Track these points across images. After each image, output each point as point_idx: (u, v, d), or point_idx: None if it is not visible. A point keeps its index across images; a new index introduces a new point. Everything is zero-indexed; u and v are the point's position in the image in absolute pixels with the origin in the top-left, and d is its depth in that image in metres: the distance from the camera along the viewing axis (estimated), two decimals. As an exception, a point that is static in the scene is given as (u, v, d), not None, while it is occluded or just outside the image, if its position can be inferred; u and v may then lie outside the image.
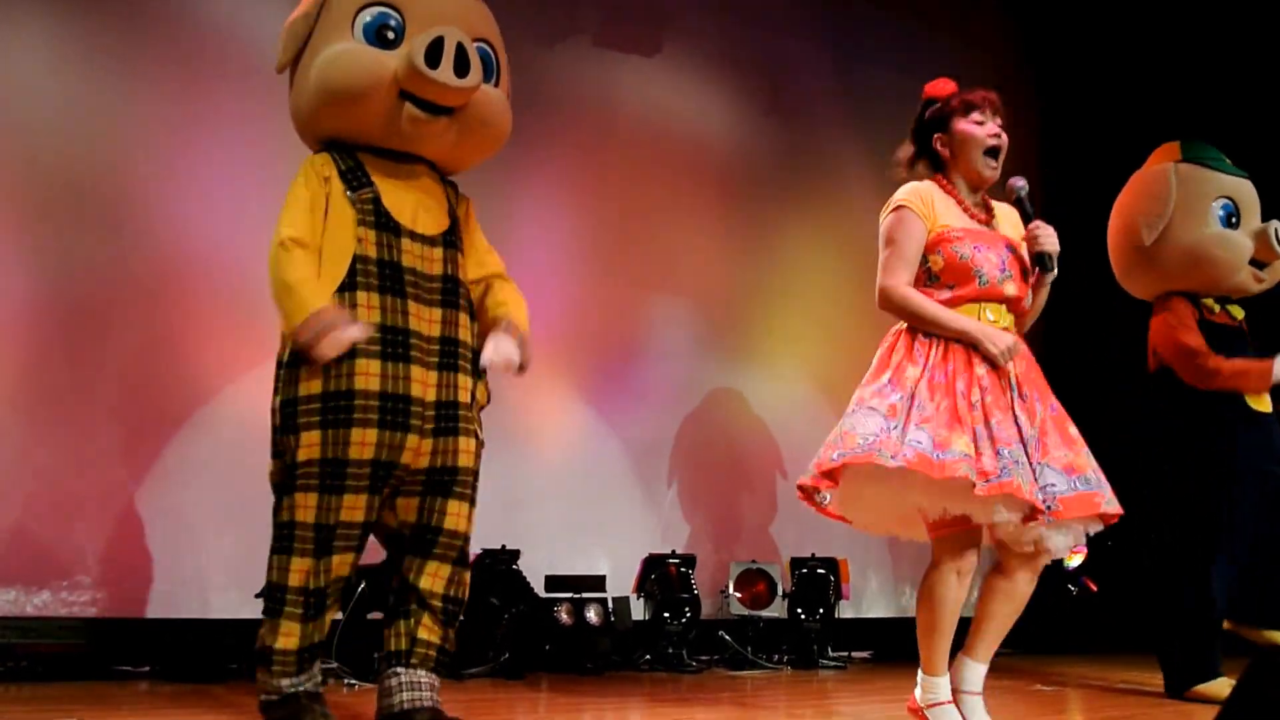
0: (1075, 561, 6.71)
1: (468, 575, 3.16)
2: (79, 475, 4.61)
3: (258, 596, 4.36)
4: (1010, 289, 3.18)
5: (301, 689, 3.01)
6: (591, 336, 5.89)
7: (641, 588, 5.30)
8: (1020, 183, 3.26)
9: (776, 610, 5.52)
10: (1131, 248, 4.81)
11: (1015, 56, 7.79)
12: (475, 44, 3.14)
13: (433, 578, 3.08)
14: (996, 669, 4.77)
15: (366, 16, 3.14)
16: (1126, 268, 4.90)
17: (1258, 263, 4.65)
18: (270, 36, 5.21)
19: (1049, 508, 2.95)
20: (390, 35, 3.12)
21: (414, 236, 3.11)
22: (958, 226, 3.20)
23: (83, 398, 4.65)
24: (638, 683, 4.63)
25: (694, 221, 6.37)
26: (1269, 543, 4.43)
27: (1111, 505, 3.05)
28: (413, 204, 3.15)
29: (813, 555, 5.61)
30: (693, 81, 6.46)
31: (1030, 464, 2.98)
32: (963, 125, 3.27)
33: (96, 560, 4.60)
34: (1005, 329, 3.16)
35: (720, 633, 5.46)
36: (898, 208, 3.23)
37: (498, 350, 3.13)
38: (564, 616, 4.96)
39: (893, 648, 5.93)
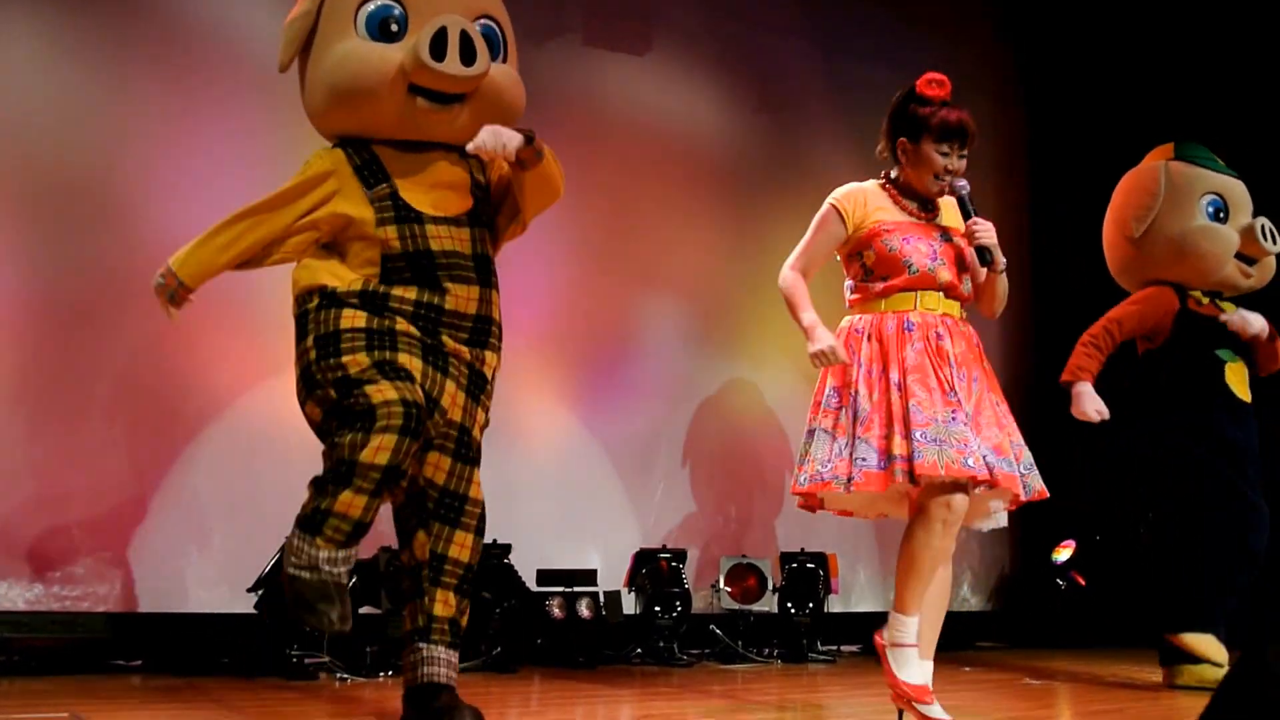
0: (1064, 556, 6.74)
1: (481, 542, 3.16)
2: (73, 471, 4.62)
3: (249, 591, 4.42)
4: (944, 275, 3.26)
5: (339, 571, 2.83)
6: (583, 332, 5.90)
7: (633, 582, 5.32)
8: (961, 183, 3.32)
9: (767, 604, 5.54)
10: (1122, 239, 4.88)
11: (1004, 52, 7.81)
12: (480, 21, 3.19)
13: (461, 547, 3.08)
14: (985, 663, 4.82)
15: (369, 8, 3.13)
16: (1118, 260, 4.97)
17: (1245, 258, 4.70)
18: (261, 35, 5.24)
19: (987, 475, 3.07)
20: (393, 28, 3.12)
21: (438, 220, 3.11)
22: (889, 221, 3.30)
23: (76, 395, 4.67)
24: (629, 676, 4.65)
25: (683, 218, 6.38)
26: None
27: (1026, 490, 3.17)
28: (432, 190, 3.15)
29: (802, 550, 5.63)
30: (682, 79, 6.47)
31: (964, 428, 3.10)
32: (928, 149, 3.30)
33: (89, 555, 4.63)
34: (945, 314, 3.26)
35: (711, 627, 5.48)
36: (831, 205, 3.38)
37: (494, 133, 3.07)
38: (556, 610, 4.98)
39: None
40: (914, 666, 3.17)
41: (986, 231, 3.27)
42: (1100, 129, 7.49)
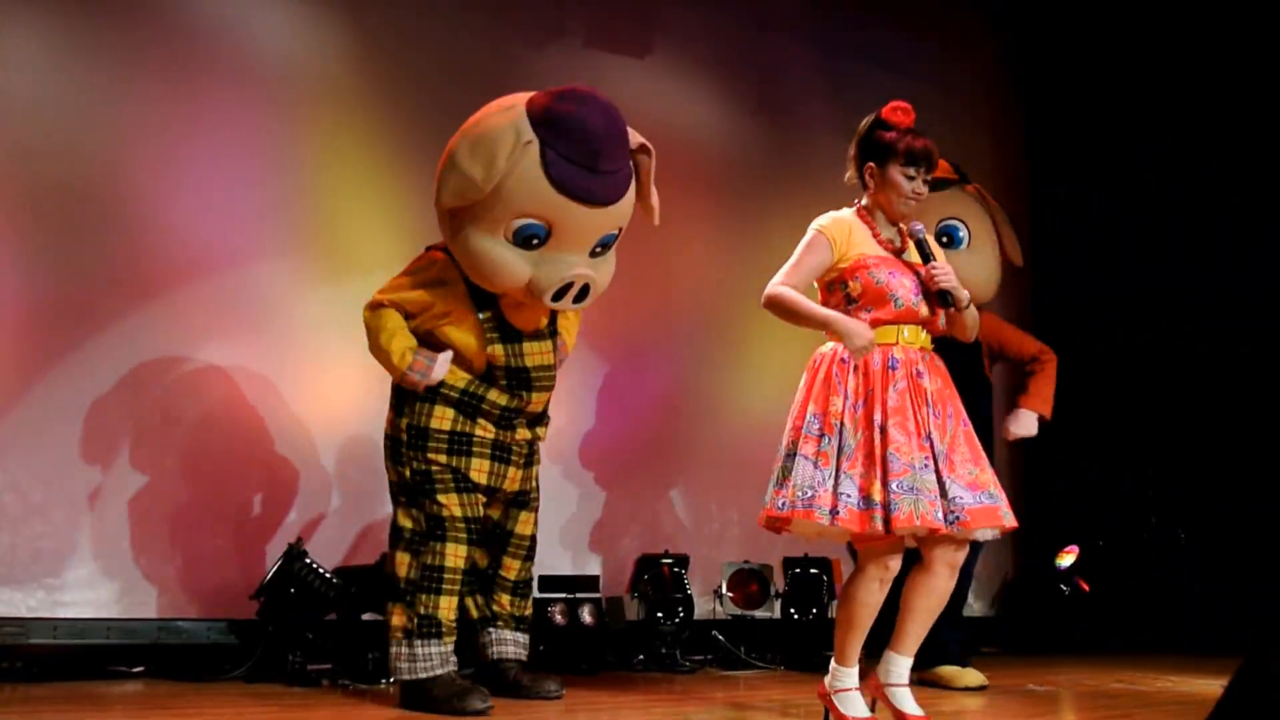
0: (1067, 562, 6.74)
1: (531, 565, 4.20)
2: (73, 476, 4.63)
3: (252, 598, 4.42)
4: (924, 310, 3.34)
5: (450, 666, 3.75)
6: (582, 337, 5.89)
7: (635, 588, 5.31)
8: (917, 226, 3.40)
9: (769, 610, 5.53)
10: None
11: (999, 55, 7.83)
12: (610, 233, 3.81)
13: (508, 569, 4.14)
14: (988, 669, 4.81)
15: (520, 224, 3.64)
16: None
17: None
18: (266, 40, 5.26)
19: (956, 518, 3.15)
20: (534, 242, 3.67)
21: (530, 337, 3.92)
22: (872, 255, 3.37)
23: (76, 398, 4.67)
24: (631, 683, 4.64)
25: (683, 221, 6.36)
26: None
27: (1008, 518, 3.22)
28: (524, 310, 3.88)
29: (805, 555, 5.62)
30: (682, 82, 6.48)
31: (940, 480, 3.17)
32: (895, 173, 3.39)
33: (91, 561, 4.62)
34: (921, 348, 3.34)
35: (714, 633, 5.47)
36: (819, 231, 3.43)
37: None
38: (558, 617, 4.97)
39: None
40: (859, 705, 3.31)
41: (945, 275, 3.35)
42: (1097, 129, 7.51)
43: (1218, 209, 7.10)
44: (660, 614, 5.23)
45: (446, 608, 3.75)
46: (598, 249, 3.77)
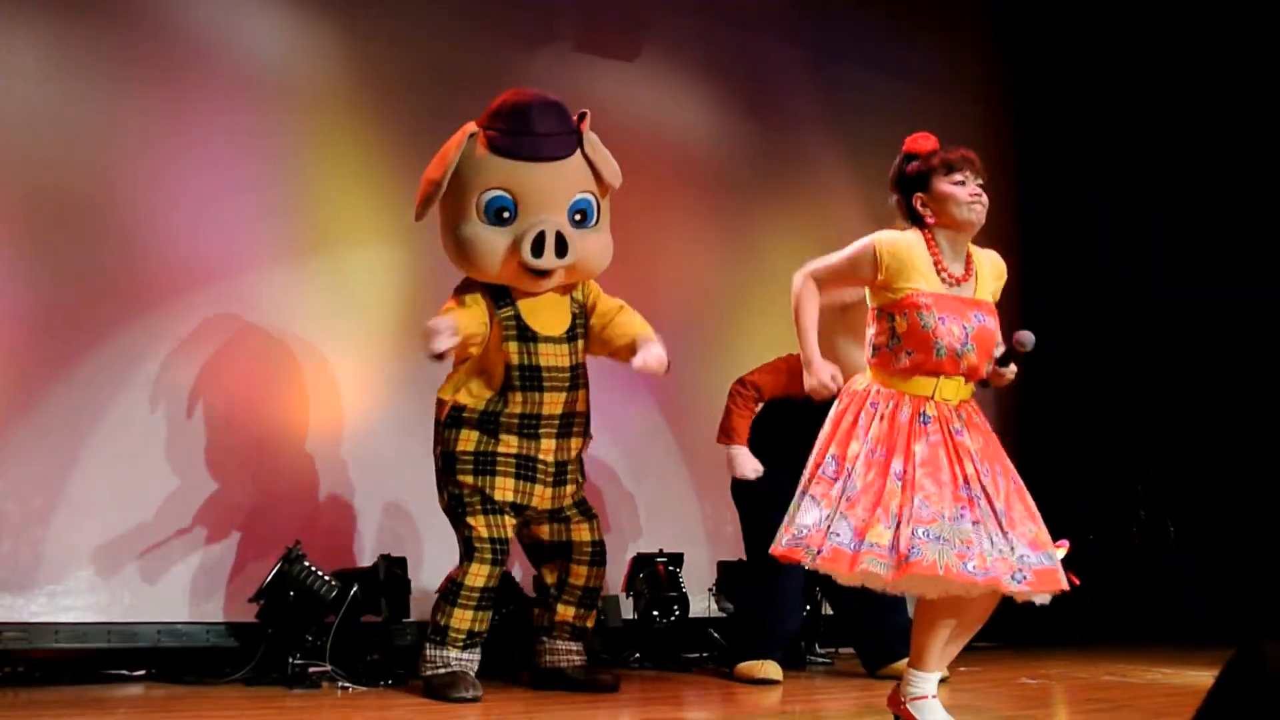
0: (1059, 555, 6.77)
1: (601, 570, 4.35)
2: (74, 482, 4.64)
3: (251, 601, 4.44)
4: (971, 359, 3.21)
5: (466, 666, 4.02)
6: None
7: (630, 586, 5.33)
8: (1027, 337, 3.25)
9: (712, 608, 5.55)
10: None
11: (990, 56, 7.85)
12: (578, 197, 4.20)
13: (577, 575, 4.30)
14: (981, 662, 4.85)
15: (487, 197, 4.12)
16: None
17: None
18: (258, 49, 5.28)
19: (1024, 577, 3.03)
20: (505, 215, 4.11)
21: (547, 339, 4.16)
22: (928, 292, 3.22)
23: (77, 405, 4.68)
24: (627, 680, 4.66)
25: (675, 224, 6.41)
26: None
27: (1064, 580, 3.14)
28: (543, 311, 4.19)
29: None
30: (673, 85, 6.50)
31: (1005, 536, 3.06)
32: (944, 186, 3.27)
33: (91, 566, 4.63)
34: (962, 401, 3.22)
35: (709, 630, 5.51)
36: (872, 245, 3.28)
37: (646, 357, 4.13)
38: (554, 616, 4.99)
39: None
40: (939, 715, 3.20)
41: (1010, 371, 3.33)
42: (1090, 129, 7.53)
43: (1213, 209, 7.12)
44: (655, 612, 5.24)
45: (460, 619, 4.02)
46: (576, 215, 4.18)
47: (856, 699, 4.19)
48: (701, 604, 5.58)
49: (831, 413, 3.28)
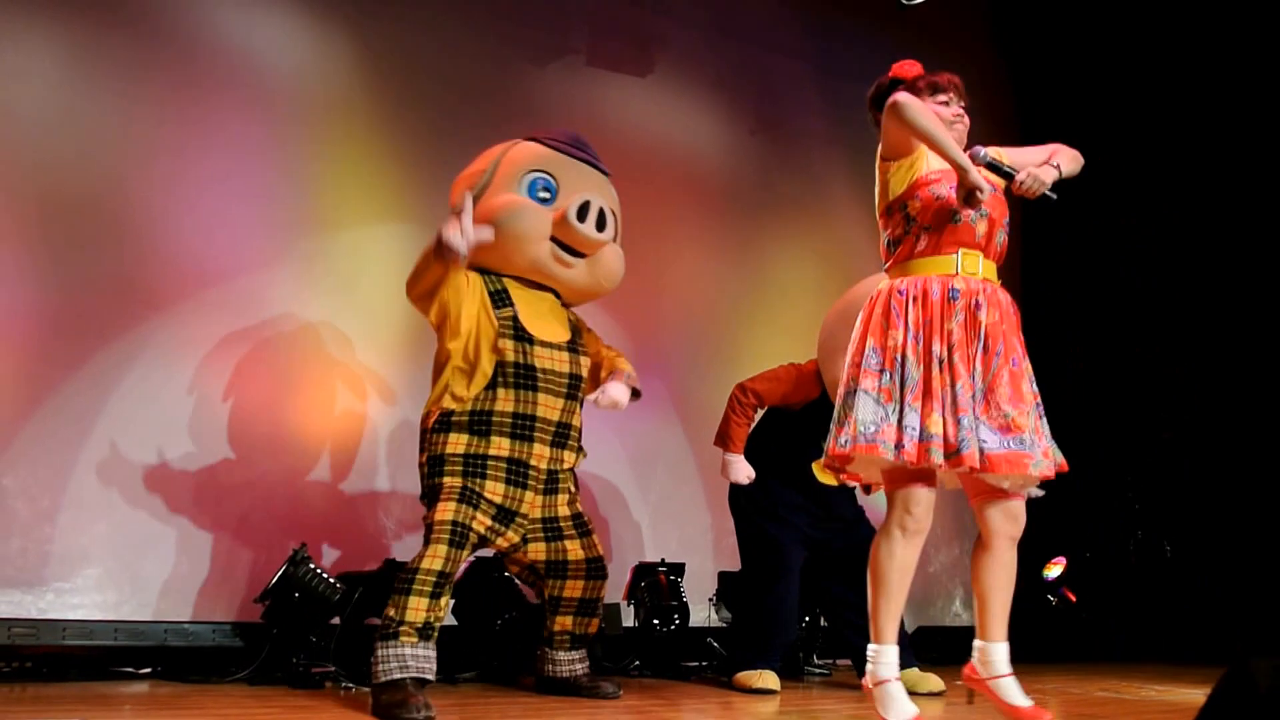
0: (1054, 573, 6.80)
1: (600, 583, 4.27)
2: (83, 482, 4.69)
3: (256, 601, 4.48)
4: (982, 227, 3.25)
5: (423, 667, 3.71)
6: (583, 349, 5.97)
7: (632, 595, 5.37)
8: (980, 150, 3.29)
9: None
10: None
11: (996, 75, 7.89)
12: (610, 205, 4.25)
13: (573, 589, 4.22)
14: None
15: (531, 176, 4.20)
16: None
17: None
18: (272, 58, 5.33)
19: (981, 464, 3.04)
20: (545, 195, 4.18)
21: (544, 344, 4.11)
22: (936, 169, 3.29)
23: (86, 406, 4.73)
24: (627, 688, 4.69)
25: (682, 238, 6.46)
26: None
27: (1039, 467, 3.11)
28: (542, 319, 4.17)
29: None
30: (681, 101, 6.56)
31: (975, 419, 3.06)
32: (929, 105, 3.35)
33: (99, 565, 4.68)
34: (985, 279, 3.23)
35: (708, 639, 5.54)
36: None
37: (600, 397, 4.20)
38: (556, 623, 5.01)
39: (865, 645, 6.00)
40: (901, 702, 3.16)
41: (1034, 181, 3.23)
42: (1094, 150, 7.55)
43: (1209, 218, 7.17)
44: (656, 620, 5.28)
45: (415, 609, 3.71)
46: (600, 222, 4.17)
47: (854, 710, 4.22)
48: (702, 613, 5.62)
49: (860, 314, 3.28)
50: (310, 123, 5.42)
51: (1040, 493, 3.26)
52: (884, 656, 3.18)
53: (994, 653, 3.24)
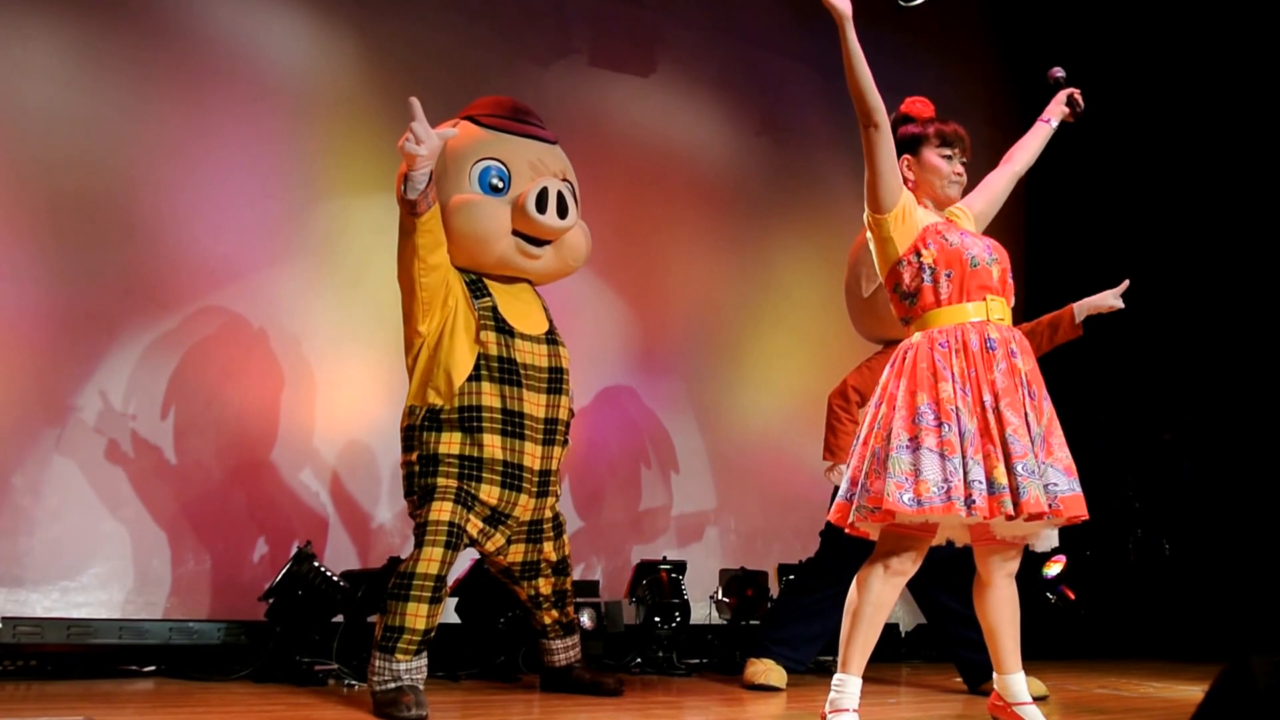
0: (1054, 571, 6.82)
1: (565, 578, 4.24)
2: (89, 481, 4.70)
3: (261, 600, 4.49)
4: (995, 272, 3.24)
5: (417, 678, 3.67)
6: (585, 349, 5.98)
7: (633, 593, 5.38)
8: (1061, 72, 3.52)
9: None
10: (853, 297, 4.92)
11: (999, 77, 7.90)
12: (566, 182, 4.09)
13: (546, 583, 4.17)
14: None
15: (480, 167, 4.01)
16: (853, 315, 5.00)
17: None
18: (278, 56, 5.35)
19: (1051, 506, 3.01)
20: (498, 184, 4.01)
21: (524, 337, 3.98)
22: (940, 222, 3.31)
23: (93, 405, 4.74)
24: (629, 685, 4.70)
25: (686, 239, 6.47)
26: None
27: (1084, 508, 3.12)
28: (520, 311, 4.04)
29: (800, 562, 5.70)
30: (685, 101, 6.57)
31: (1037, 463, 3.03)
32: (934, 157, 3.39)
33: (104, 563, 4.70)
34: (1010, 325, 3.22)
35: (709, 637, 5.55)
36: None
37: None
38: (558, 620, 5.03)
39: (877, 652, 6.01)
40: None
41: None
42: (1097, 157, 7.57)
43: (1209, 218, 7.18)
44: (657, 618, 5.29)
45: (414, 617, 3.65)
46: (562, 208, 4.00)
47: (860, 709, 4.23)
48: (703, 611, 5.63)
49: (889, 368, 3.22)
50: (318, 118, 5.43)
51: (1052, 543, 3.26)
52: (848, 687, 3.17)
53: (1013, 684, 3.29)
